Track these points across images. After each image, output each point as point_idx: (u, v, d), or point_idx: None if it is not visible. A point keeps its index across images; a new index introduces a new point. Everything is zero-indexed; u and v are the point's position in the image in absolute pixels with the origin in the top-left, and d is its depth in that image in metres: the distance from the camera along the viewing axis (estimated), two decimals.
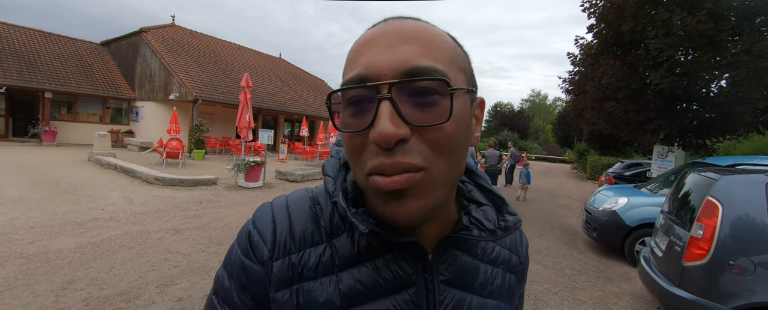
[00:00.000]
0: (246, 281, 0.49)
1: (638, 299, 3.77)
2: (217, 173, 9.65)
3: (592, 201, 5.67)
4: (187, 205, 6.41)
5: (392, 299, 0.47)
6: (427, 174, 0.38)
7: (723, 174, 2.92)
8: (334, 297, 0.46)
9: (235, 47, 21.72)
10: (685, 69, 7.79)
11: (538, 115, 66.48)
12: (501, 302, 0.54)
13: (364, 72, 0.38)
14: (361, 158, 0.40)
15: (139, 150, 13.75)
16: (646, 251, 3.64)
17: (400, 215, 0.39)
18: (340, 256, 0.48)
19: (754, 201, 2.63)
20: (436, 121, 0.38)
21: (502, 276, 0.56)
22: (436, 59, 0.39)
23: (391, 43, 0.39)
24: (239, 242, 0.52)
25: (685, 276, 2.76)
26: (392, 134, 0.36)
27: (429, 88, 0.38)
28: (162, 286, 3.35)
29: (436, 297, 0.48)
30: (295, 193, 0.56)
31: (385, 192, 0.38)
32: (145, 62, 15.38)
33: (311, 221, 0.50)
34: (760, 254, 2.52)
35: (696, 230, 2.74)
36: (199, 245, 4.45)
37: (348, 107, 0.40)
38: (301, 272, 0.48)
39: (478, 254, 0.54)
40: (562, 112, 34.14)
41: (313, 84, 24.57)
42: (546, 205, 9.45)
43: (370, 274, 0.47)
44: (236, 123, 10.67)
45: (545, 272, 4.32)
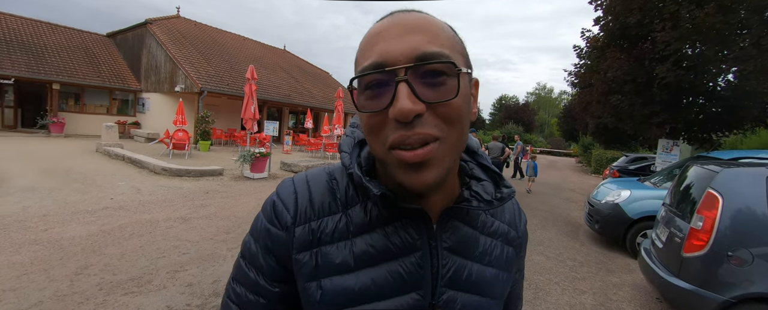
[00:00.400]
0: (271, 244, 0.55)
1: (638, 289, 3.82)
2: (223, 164, 9.76)
3: (595, 194, 5.70)
4: (194, 195, 6.52)
5: (400, 262, 0.52)
6: (442, 143, 0.44)
7: (724, 167, 2.94)
8: (349, 258, 0.52)
9: (240, 39, 21.71)
10: (692, 62, 7.72)
11: (544, 108, 66.02)
12: (500, 271, 0.60)
13: (380, 59, 0.43)
14: (381, 134, 0.45)
15: (146, 141, 13.89)
16: (647, 243, 3.68)
17: (419, 182, 0.45)
18: (353, 223, 0.54)
19: (754, 194, 2.66)
20: (446, 97, 0.43)
21: (501, 248, 0.61)
22: (442, 45, 0.44)
23: (400, 33, 0.44)
24: (264, 212, 0.58)
25: (685, 267, 2.81)
26: (410, 110, 0.41)
27: (438, 69, 0.43)
28: (172, 272, 3.45)
29: (439, 261, 0.54)
30: (313, 169, 0.61)
31: (408, 164, 0.44)
32: (151, 54, 15.45)
33: (328, 193, 0.56)
34: (758, 245, 2.56)
35: (696, 221, 2.78)
36: (207, 233, 4.55)
37: (365, 91, 0.45)
38: (319, 237, 0.53)
39: (478, 226, 0.59)
40: (567, 106, 33.89)
41: (317, 76, 24.55)
42: (549, 198, 9.48)
43: (381, 239, 0.53)
44: (241, 115, 10.76)
45: (547, 262, 4.38)
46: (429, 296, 0.53)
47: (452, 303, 0.54)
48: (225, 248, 4.13)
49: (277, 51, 24.38)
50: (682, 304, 2.82)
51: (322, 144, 14.54)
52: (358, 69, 0.47)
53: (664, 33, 7.32)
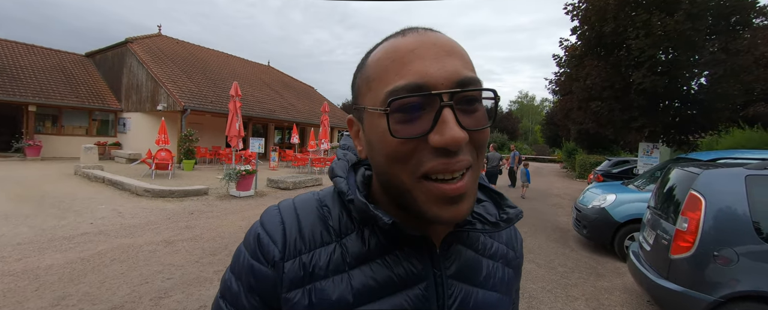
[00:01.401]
0: (254, 283, 0.50)
1: (629, 293, 3.85)
2: (208, 183, 9.55)
3: (582, 199, 5.77)
4: (178, 216, 6.34)
5: (405, 295, 0.48)
6: (472, 172, 0.43)
7: (704, 168, 3.02)
8: (347, 294, 0.47)
9: (224, 56, 21.62)
10: (666, 68, 8.04)
11: (527, 116, 67.31)
12: (502, 295, 0.57)
13: (420, 81, 0.40)
14: (410, 162, 0.42)
15: (127, 162, 13.54)
16: (635, 246, 3.73)
17: (457, 215, 0.42)
18: (350, 254, 0.49)
19: (734, 193, 2.72)
20: (482, 125, 0.42)
21: (502, 270, 0.59)
22: (473, 71, 0.43)
23: (439, 54, 0.42)
24: (247, 245, 0.53)
25: (673, 268, 2.84)
26: (462, 138, 0.39)
27: (475, 96, 0.42)
28: (156, 299, 3.31)
29: (445, 291, 0.50)
30: (300, 196, 0.57)
31: (448, 197, 0.41)
32: (132, 73, 15.21)
33: (319, 221, 0.52)
34: (742, 244, 2.61)
35: (681, 223, 2.83)
36: (192, 256, 4.40)
37: (396, 113, 0.41)
38: (312, 272, 0.48)
39: (479, 249, 0.57)
40: (549, 113, 34.66)
41: (302, 91, 24.56)
42: (537, 204, 9.57)
43: (382, 270, 0.48)
44: (226, 132, 10.62)
45: (538, 270, 4.38)
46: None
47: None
48: (211, 271, 4.00)
49: (261, 67, 24.34)
50: (673, 306, 2.84)
51: (309, 159, 14.42)
52: (380, 91, 0.43)
53: (638, 40, 7.63)
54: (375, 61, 0.45)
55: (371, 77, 0.45)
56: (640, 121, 8.28)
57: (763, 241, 2.58)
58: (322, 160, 14.58)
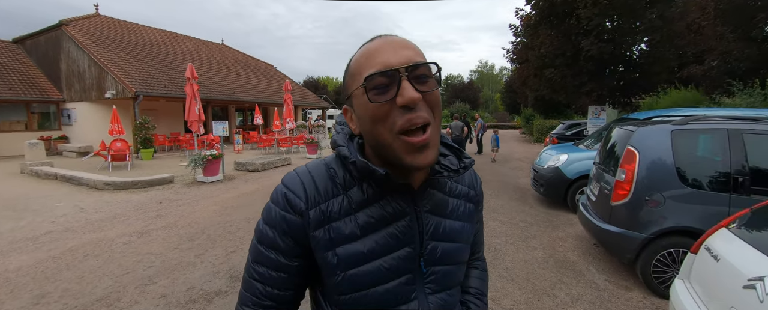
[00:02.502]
0: (288, 228, 0.68)
1: (579, 239, 4.37)
2: (172, 171, 9.27)
3: (538, 160, 6.27)
4: (146, 206, 6.20)
5: (395, 226, 0.68)
6: (433, 127, 0.60)
7: (639, 126, 3.44)
8: (355, 229, 0.67)
9: (173, 36, 20.20)
10: (611, 35, 8.62)
11: (487, 85, 68.90)
12: (465, 223, 0.79)
13: (384, 67, 0.59)
14: (387, 121, 0.60)
15: (78, 156, 12.70)
16: (584, 199, 4.20)
17: (425, 161, 0.60)
18: (354, 201, 0.68)
19: (662, 146, 3.16)
20: (432, 89, 0.60)
21: (464, 205, 0.80)
22: (423, 57, 0.62)
23: (395, 48, 0.61)
24: (276, 203, 0.69)
25: (614, 214, 3.29)
26: (418, 97, 0.57)
27: (424, 73, 0.60)
28: (141, 286, 3.35)
29: (423, 222, 0.71)
30: (311, 163, 0.74)
31: (416, 147, 0.59)
32: (71, 59, 13.95)
33: (329, 180, 0.70)
34: (668, 189, 3.07)
35: (619, 174, 3.25)
36: (170, 243, 4.42)
37: (371, 90, 0.60)
38: (329, 216, 0.67)
39: (447, 191, 0.77)
40: (508, 81, 35.78)
41: (261, 69, 23.64)
42: (499, 168, 10.18)
43: (378, 210, 0.68)
44: (185, 117, 10.20)
45: (501, 227, 4.82)
46: (418, 247, 0.70)
47: (434, 250, 0.72)
48: (192, 255, 4.06)
49: (215, 46, 23.04)
50: (614, 245, 3.32)
51: (275, 140, 14.20)
52: (360, 78, 0.61)
53: (586, 10, 8.08)
54: (354, 62, 0.64)
55: (353, 72, 0.64)
56: (588, 85, 8.93)
57: (684, 185, 3.05)
58: (288, 139, 14.40)
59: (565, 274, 3.49)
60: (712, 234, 2.01)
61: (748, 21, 9.16)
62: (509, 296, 3.09)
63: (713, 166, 3.04)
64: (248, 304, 0.72)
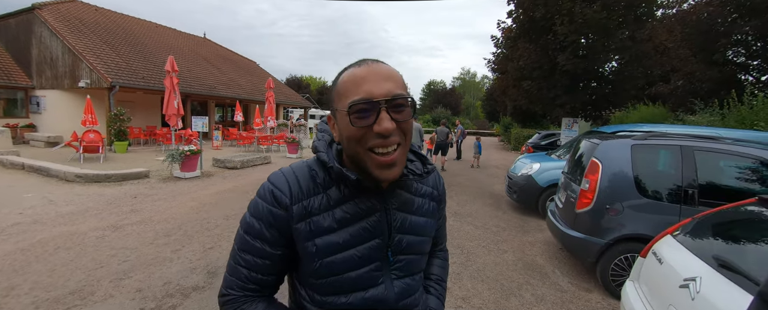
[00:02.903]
0: (274, 221, 0.78)
1: (548, 244, 4.62)
2: (147, 166, 9.05)
3: (513, 168, 6.55)
4: (120, 201, 6.07)
5: (366, 221, 0.80)
6: (402, 148, 0.73)
7: (603, 139, 3.70)
8: (333, 223, 0.78)
9: (153, 26, 19.65)
10: (585, 52, 9.09)
11: (469, 92, 70.07)
12: (428, 219, 0.91)
13: (368, 96, 0.69)
14: (362, 141, 0.71)
15: (47, 146, 12.18)
16: (552, 206, 4.46)
17: (389, 176, 0.72)
18: (332, 199, 0.79)
19: (623, 159, 3.42)
20: (406, 119, 0.72)
21: (429, 203, 0.92)
22: (402, 88, 0.73)
23: (379, 80, 0.71)
24: (263, 198, 0.79)
25: (578, 220, 3.53)
26: (393, 127, 0.69)
27: (401, 103, 0.71)
28: (116, 280, 3.32)
29: (391, 217, 0.83)
30: (295, 163, 0.85)
31: (384, 164, 0.71)
32: (43, 44, 13.37)
33: (311, 180, 0.80)
34: (627, 199, 3.33)
35: (584, 184, 3.50)
36: (146, 238, 4.37)
37: (353, 114, 0.70)
38: (310, 211, 0.78)
39: (413, 191, 0.89)
40: (489, 90, 36.61)
41: (244, 66, 23.30)
42: (476, 174, 10.48)
43: (353, 207, 0.79)
44: (163, 110, 10.00)
45: (475, 231, 5.02)
46: (386, 239, 0.82)
47: (401, 242, 0.84)
48: (169, 250, 4.04)
49: (196, 39, 22.56)
50: (577, 249, 3.55)
51: (255, 137, 14.05)
52: (346, 99, 0.72)
53: (563, 26, 8.50)
54: (342, 83, 0.74)
55: (340, 93, 0.74)
56: (563, 98, 9.37)
57: (641, 195, 3.31)
58: (269, 138, 14.28)
59: (532, 276, 3.70)
60: (659, 240, 2.24)
61: (711, 46, 9.86)
62: (479, 295, 3.26)
63: (667, 179, 3.32)
64: (234, 287, 0.81)
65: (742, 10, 9.49)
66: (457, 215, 5.85)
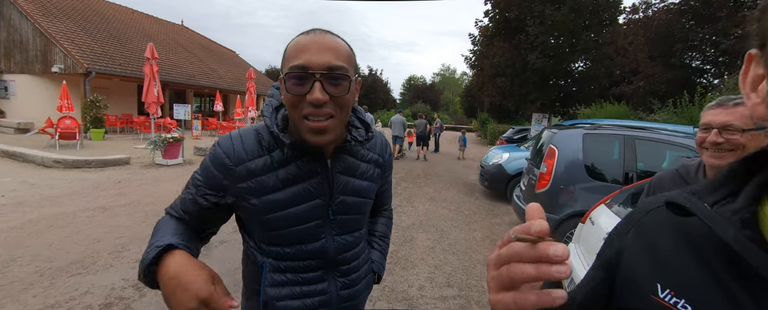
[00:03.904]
0: (209, 179, 0.83)
1: (514, 224, 5.13)
2: (126, 153, 9.04)
3: (485, 158, 7.07)
4: (105, 185, 6.17)
5: (309, 182, 0.84)
6: (335, 119, 0.74)
7: (560, 130, 4.21)
8: (276, 182, 0.82)
9: (128, 12, 19.05)
10: (553, 52, 9.73)
11: (448, 88, 70.98)
12: (371, 183, 0.96)
13: (305, 64, 0.70)
14: (298, 108, 0.73)
15: (18, 132, 11.80)
16: (517, 190, 4.96)
17: (319, 142, 0.75)
18: (276, 161, 0.82)
19: (575, 147, 3.93)
20: (341, 93, 0.73)
21: (373, 169, 0.96)
22: (343, 61, 0.73)
23: (319, 49, 0.71)
24: (209, 156, 0.84)
25: (537, 199, 4.02)
26: (321, 98, 0.70)
27: (338, 76, 0.72)
28: (115, 253, 3.53)
29: (334, 180, 0.87)
30: (244, 128, 0.89)
31: (314, 130, 0.73)
32: (12, 27, 12.83)
33: (256, 142, 0.83)
34: (578, 181, 3.84)
35: (543, 167, 3.99)
36: (137, 218, 4.56)
37: (292, 80, 0.71)
38: (253, 171, 0.81)
39: (358, 156, 0.92)
40: (468, 86, 37.44)
41: (223, 55, 22.95)
42: (453, 166, 11.02)
43: (296, 169, 0.82)
44: (143, 98, 9.95)
45: (449, 214, 5.49)
46: (327, 199, 0.86)
47: (342, 202, 0.89)
48: None
49: (174, 27, 22.02)
50: None
51: (235, 127, 14.01)
52: (288, 64, 0.72)
53: (534, 27, 9.09)
54: (288, 48, 0.75)
55: (286, 57, 0.75)
56: (533, 95, 10.01)
57: (590, 178, 3.83)
58: None
59: None
60: (595, 209, 2.72)
61: (669, 50, 10.71)
62: (449, 264, 3.70)
63: (612, 164, 3.86)
64: (171, 210, 0.89)
65: (698, 18, 10.38)
66: (434, 200, 6.31)
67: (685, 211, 0.38)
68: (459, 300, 3.02)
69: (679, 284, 0.38)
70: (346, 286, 0.95)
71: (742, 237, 0.33)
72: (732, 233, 0.34)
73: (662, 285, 0.40)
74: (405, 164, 10.42)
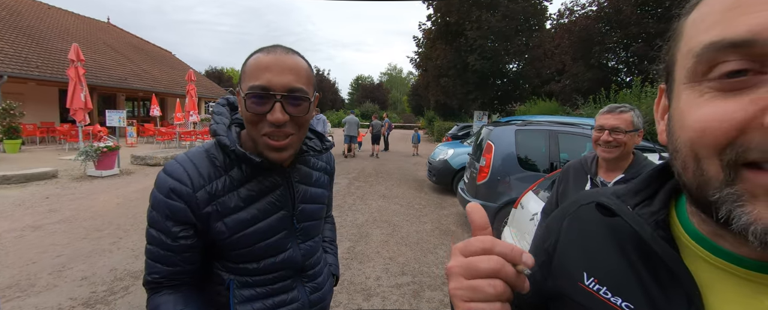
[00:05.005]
0: (170, 213, 0.77)
1: (459, 215, 5.57)
2: (51, 165, 8.25)
3: (432, 155, 7.52)
4: (30, 202, 5.64)
5: (272, 195, 0.85)
6: (295, 137, 0.77)
7: (496, 126, 4.68)
8: (239, 202, 0.81)
9: (44, 7, 17.08)
10: (490, 54, 10.53)
11: (396, 87, 72.06)
12: (323, 189, 1.00)
13: (267, 84, 0.71)
14: (258, 126, 0.74)
15: None
16: (461, 183, 5.40)
17: (279, 159, 0.77)
18: (235, 180, 0.81)
19: (509, 141, 4.41)
20: (301, 114, 0.75)
21: (323, 176, 1.01)
22: (303, 82, 0.75)
23: (281, 70, 0.73)
24: (161, 191, 0.77)
25: (478, 190, 4.45)
26: (283, 119, 0.72)
27: (300, 95, 0.74)
28: (55, 272, 3.32)
29: (294, 190, 0.89)
30: (191, 150, 0.85)
31: (273, 148, 0.75)
32: None
33: (210, 164, 0.81)
34: (513, 172, 4.32)
35: (482, 161, 4.43)
36: (76, 235, 4.28)
37: (251, 98, 0.72)
38: (214, 194, 0.79)
39: (311, 166, 0.96)
40: (414, 85, 38.49)
41: (157, 55, 21.44)
42: (403, 163, 11.45)
43: (257, 185, 0.82)
44: (68, 104, 9.13)
45: (400, 209, 5.81)
46: (291, 210, 0.88)
47: (304, 211, 0.92)
48: (107, 243, 4.05)
49: (99, 24, 20.14)
50: None
51: (176, 133, 13.27)
52: (248, 83, 0.73)
53: (472, 32, 9.78)
54: (248, 65, 0.75)
55: (246, 74, 0.75)
56: (474, 94, 10.77)
57: (523, 169, 4.33)
58: (192, 133, 13.61)
59: (445, 239, 4.56)
60: (524, 195, 3.15)
61: (589, 52, 12.02)
62: (403, 255, 3.99)
63: (540, 155, 4.39)
64: (152, 281, 0.83)
65: (612, 24, 11.78)
66: (385, 197, 6.60)
67: (611, 212, 0.43)
68: (413, 286, 3.31)
69: (602, 273, 0.42)
70: (315, 290, 0.98)
71: (657, 236, 0.38)
72: (649, 232, 0.38)
73: (588, 273, 0.43)
74: (357, 164, 10.65)
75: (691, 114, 0.32)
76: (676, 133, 0.35)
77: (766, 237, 0.28)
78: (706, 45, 0.30)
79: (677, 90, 0.35)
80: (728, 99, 0.29)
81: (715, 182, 0.30)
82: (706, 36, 0.31)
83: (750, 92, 0.28)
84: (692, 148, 0.32)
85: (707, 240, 0.36)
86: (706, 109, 0.30)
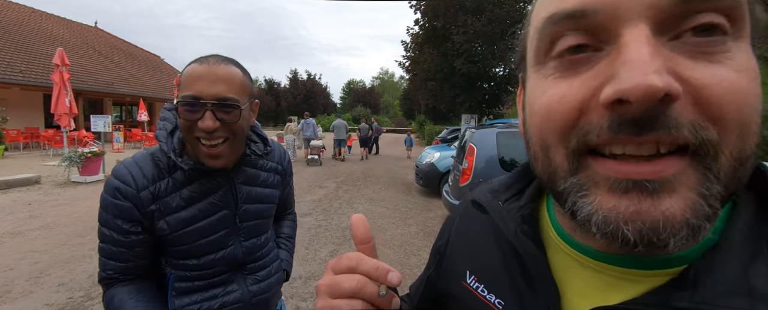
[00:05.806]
0: (118, 212, 0.82)
1: (445, 217, 5.61)
2: (35, 171, 8.13)
3: (419, 158, 7.57)
4: (12, 208, 5.55)
5: (214, 196, 0.88)
6: (229, 142, 0.81)
7: (479, 129, 4.75)
8: (180, 202, 0.85)
9: (29, 11, 16.86)
10: (477, 58, 10.67)
11: (387, 91, 72.33)
12: (272, 189, 1.03)
13: (197, 94, 0.75)
14: (191, 131, 0.78)
15: None
16: (446, 186, 5.46)
17: (215, 165, 0.82)
18: (177, 182, 0.85)
19: (490, 144, 4.48)
20: (232, 120, 0.78)
21: (273, 177, 1.03)
22: (234, 92, 0.79)
23: (213, 81, 0.77)
24: (108, 193, 0.83)
25: (461, 192, 4.51)
26: (212, 126, 0.76)
27: (229, 105, 0.78)
28: (33, 279, 3.29)
29: (237, 190, 0.93)
30: (137, 154, 0.89)
31: (209, 155, 0.79)
32: None
33: (155, 166, 0.85)
34: (494, 175, 4.37)
35: (464, 164, 4.49)
36: (57, 241, 4.24)
37: (184, 107, 0.76)
38: (158, 195, 0.83)
39: (258, 167, 0.99)
40: (406, 89, 38.69)
41: (146, 60, 21.26)
42: (392, 167, 11.50)
43: (199, 187, 0.87)
44: (52, 109, 8.97)
45: (387, 212, 5.84)
46: (233, 209, 0.92)
47: (247, 210, 0.95)
48: (86, 249, 4.01)
49: (86, 29, 19.92)
50: None
51: None
52: (182, 91, 0.77)
53: (458, 36, 9.90)
54: (184, 75, 0.79)
55: (182, 82, 0.79)
56: (461, 97, 10.90)
57: (504, 171, 4.39)
58: None
59: (430, 241, 4.59)
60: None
61: None
62: (386, 258, 4.02)
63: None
64: (106, 277, 0.87)
65: None
66: (372, 200, 6.63)
67: (483, 208, 0.43)
68: None
69: (481, 271, 0.42)
70: (257, 281, 1.00)
71: (519, 232, 0.38)
72: (513, 229, 0.38)
73: (470, 271, 0.43)
74: (346, 168, 10.66)
75: (537, 99, 0.31)
76: (527, 121, 0.34)
77: (607, 227, 0.27)
78: (545, 19, 0.30)
79: (528, 76, 0.35)
80: (569, 78, 0.29)
81: (561, 171, 0.30)
82: (545, 12, 0.30)
83: (590, 69, 0.28)
84: (540, 135, 0.31)
85: (565, 233, 0.36)
86: (550, 91, 0.30)
